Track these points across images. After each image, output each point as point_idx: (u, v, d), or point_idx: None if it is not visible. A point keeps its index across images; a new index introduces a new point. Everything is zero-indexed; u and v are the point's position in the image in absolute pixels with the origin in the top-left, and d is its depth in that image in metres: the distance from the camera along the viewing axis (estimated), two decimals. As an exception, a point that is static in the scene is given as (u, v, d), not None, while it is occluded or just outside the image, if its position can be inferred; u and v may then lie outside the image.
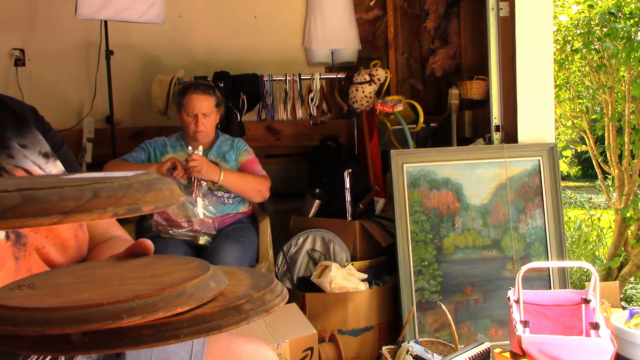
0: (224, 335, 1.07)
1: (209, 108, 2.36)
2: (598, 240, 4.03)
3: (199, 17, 3.40)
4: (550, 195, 2.36)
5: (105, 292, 0.51)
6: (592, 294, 1.77)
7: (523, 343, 1.61)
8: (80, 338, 0.47)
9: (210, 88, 2.41)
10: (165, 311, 0.48)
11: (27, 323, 0.46)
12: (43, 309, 0.47)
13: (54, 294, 0.51)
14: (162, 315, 0.48)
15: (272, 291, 0.58)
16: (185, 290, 0.51)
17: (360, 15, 3.50)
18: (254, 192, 2.36)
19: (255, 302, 0.55)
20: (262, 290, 0.57)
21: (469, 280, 2.32)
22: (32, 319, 0.46)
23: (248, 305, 0.54)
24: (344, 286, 2.26)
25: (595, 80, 3.37)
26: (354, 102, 3.08)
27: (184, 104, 2.35)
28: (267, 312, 0.55)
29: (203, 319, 0.51)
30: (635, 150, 3.03)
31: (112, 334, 0.47)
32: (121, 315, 0.46)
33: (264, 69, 3.15)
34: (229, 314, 0.52)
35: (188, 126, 2.37)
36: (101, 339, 0.47)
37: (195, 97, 2.33)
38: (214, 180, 2.26)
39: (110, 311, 0.46)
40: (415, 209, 2.35)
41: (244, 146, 2.52)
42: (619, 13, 3.07)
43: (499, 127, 2.53)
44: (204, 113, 2.33)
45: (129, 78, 3.31)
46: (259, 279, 0.61)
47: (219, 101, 2.43)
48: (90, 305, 0.46)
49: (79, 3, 2.61)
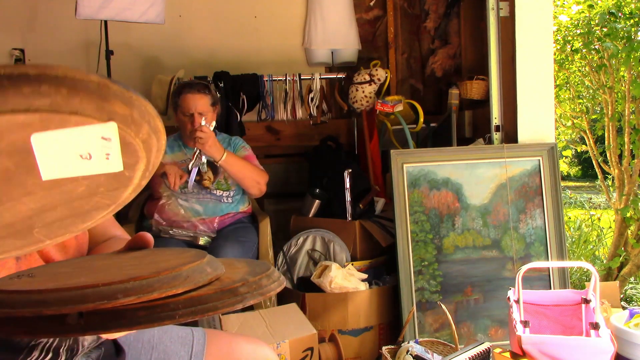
0: (224, 335, 1.07)
1: (205, 107, 2.33)
2: (598, 240, 4.03)
3: (199, 17, 3.40)
4: (550, 195, 2.36)
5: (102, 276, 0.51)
6: (592, 294, 1.77)
7: (523, 343, 1.61)
8: (77, 320, 0.47)
9: (205, 87, 2.38)
10: (160, 292, 0.48)
11: (24, 305, 0.46)
12: (40, 291, 0.47)
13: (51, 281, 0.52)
14: (157, 295, 0.48)
15: (269, 277, 0.58)
16: (181, 273, 0.51)
17: (360, 15, 3.50)
18: (252, 181, 2.35)
19: (251, 286, 0.55)
20: (259, 275, 0.57)
21: (469, 280, 2.32)
22: (29, 301, 0.46)
23: (244, 288, 0.54)
24: (344, 286, 2.26)
25: (595, 80, 3.37)
26: (354, 102, 3.08)
27: (180, 103, 2.34)
28: (263, 295, 0.56)
29: (198, 300, 0.51)
30: (635, 150, 3.03)
31: (108, 315, 0.47)
32: (116, 295, 0.46)
33: (264, 69, 3.15)
34: (224, 297, 0.53)
35: (185, 126, 2.35)
36: (97, 321, 0.47)
37: (190, 97, 2.31)
38: (215, 159, 2.24)
39: (106, 292, 0.46)
40: (415, 209, 2.35)
41: (241, 143, 2.51)
42: (619, 13, 3.07)
43: (499, 127, 2.53)
44: (199, 112, 2.31)
45: (129, 78, 3.30)
46: (256, 267, 0.62)
47: (215, 100, 2.40)
48: (87, 287, 0.47)
49: (79, 3, 2.61)
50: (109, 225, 0.97)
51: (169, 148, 2.44)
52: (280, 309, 2.04)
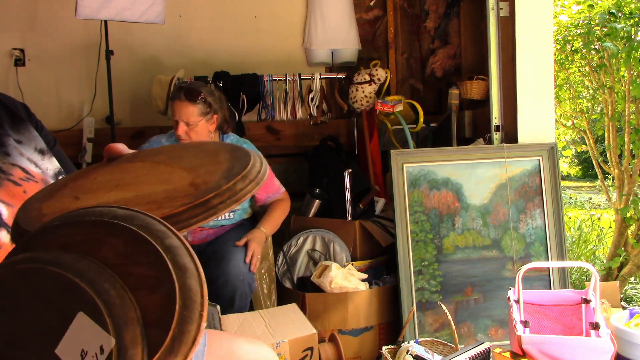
0: (224, 335, 1.07)
1: (191, 116, 2.24)
2: (598, 240, 4.03)
3: (199, 17, 3.40)
4: (550, 195, 2.36)
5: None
6: (592, 294, 1.77)
7: (523, 343, 1.61)
8: None
9: (195, 95, 2.25)
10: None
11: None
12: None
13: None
14: None
15: (245, 177, 0.59)
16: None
17: (360, 15, 3.50)
18: (284, 217, 2.42)
19: (224, 194, 0.56)
20: (234, 179, 0.58)
21: (469, 280, 2.32)
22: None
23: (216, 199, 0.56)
24: (344, 286, 2.26)
25: (595, 80, 3.37)
26: (354, 102, 3.08)
27: (171, 105, 2.32)
28: (237, 202, 0.57)
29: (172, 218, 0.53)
30: (635, 150, 3.03)
31: None
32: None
33: (264, 69, 3.15)
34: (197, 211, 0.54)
35: (175, 132, 2.31)
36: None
37: (177, 103, 2.25)
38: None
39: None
40: (415, 209, 2.35)
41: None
42: (619, 13, 3.06)
43: (499, 127, 2.53)
44: (185, 120, 2.24)
45: (129, 78, 3.30)
46: (236, 163, 0.62)
47: (207, 109, 2.28)
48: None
49: (79, 3, 2.60)
50: None
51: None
52: (280, 309, 2.04)
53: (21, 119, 0.87)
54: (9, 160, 0.78)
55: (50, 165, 0.85)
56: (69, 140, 3.10)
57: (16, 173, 0.77)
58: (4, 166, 0.77)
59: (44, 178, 0.81)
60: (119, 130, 3.11)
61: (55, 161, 0.87)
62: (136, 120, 3.35)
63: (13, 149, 0.80)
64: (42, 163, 0.83)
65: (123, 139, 3.11)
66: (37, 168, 0.81)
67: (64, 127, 3.17)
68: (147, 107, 3.15)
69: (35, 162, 0.82)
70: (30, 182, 0.78)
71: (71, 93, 3.32)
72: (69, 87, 3.31)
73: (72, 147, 3.12)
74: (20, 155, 0.80)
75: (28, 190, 0.76)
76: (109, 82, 2.94)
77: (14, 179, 0.76)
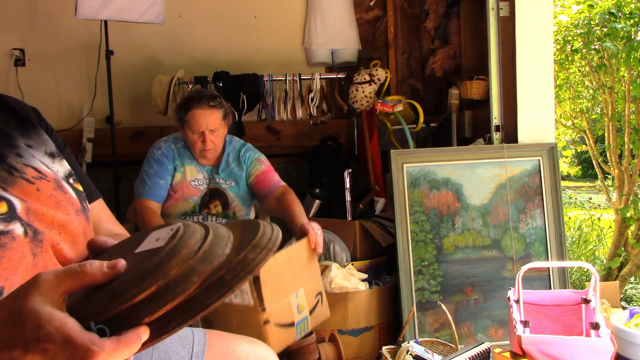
0: (224, 335, 1.07)
1: (216, 122, 2.08)
2: (598, 240, 4.03)
3: (199, 17, 3.40)
4: (550, 195, 2.36)
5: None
6: (592, 294, 1.77)
7: (523, 343, 1.61)
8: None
9: (215, 98, 2.11)
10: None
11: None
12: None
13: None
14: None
15: (256, 246, 0.57)
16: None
17: (360, 15, 3.50)
18: None
19: (235, 269, 0.54)
20: (244, 250, 0.56)
21: (469, 280, 2.32)
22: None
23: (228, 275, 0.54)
24: (344, 286, 2.26)
25: (595, 80, 3.37)
26: (354, 102, 3.09)
27: (188, 120, 2.07)
28: (250, 273, 0.55)
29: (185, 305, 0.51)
30: (635, 150, 3.04)
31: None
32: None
33: (264, 69, 3.15)
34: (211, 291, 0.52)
35: (194, 144, 2.11)
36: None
37: (201, 113, 2.05)
38: None
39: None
40: (415, 209, 2.35)
41: (254, 155, 2.27)
42: (619, 13, 3.07)
43: (499, 127, 2.53)
44: (211, 129, 2.07)
45: (129, 78, 3.31)
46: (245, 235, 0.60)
47: (226, 111, 2.15)
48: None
49: (79, 3, 2.60)
50: (112, 224, 0.98)
51: (179, 159, 2.18)
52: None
53: (31, 124, 0.88)
54: (22, 161, 0.79)
55: (61, 168, 0.86)
56: (69, 140, 3.04)
57: (29, 172, 0.78)
58: (17, 165, 0.78)
59: (56, 178, 0.82)
60: (119, 130, 3.11)
61: (66, 164, 0.88)
62: (136, 120, 3.35)
63: (25, 150, 0.81)
64: (53, 166, 0.84)
65: (123, 139, 3.13)
66: (49, 170, 0.82)
67: (64, 127, 3.18)
68: (147, 107, 3.16)
69: (46, 165, 0.83)
70: (43, 180, 0.79)
71: (71, 93, 3.32)
72: (69, 87, 3.31)
73: (72, 147, 3.07)
74: (32, 156, 0.81)
75: (41, 188, 0.78)
76: (109, 82, 2.94)
77: (27, 177, 0.77)
